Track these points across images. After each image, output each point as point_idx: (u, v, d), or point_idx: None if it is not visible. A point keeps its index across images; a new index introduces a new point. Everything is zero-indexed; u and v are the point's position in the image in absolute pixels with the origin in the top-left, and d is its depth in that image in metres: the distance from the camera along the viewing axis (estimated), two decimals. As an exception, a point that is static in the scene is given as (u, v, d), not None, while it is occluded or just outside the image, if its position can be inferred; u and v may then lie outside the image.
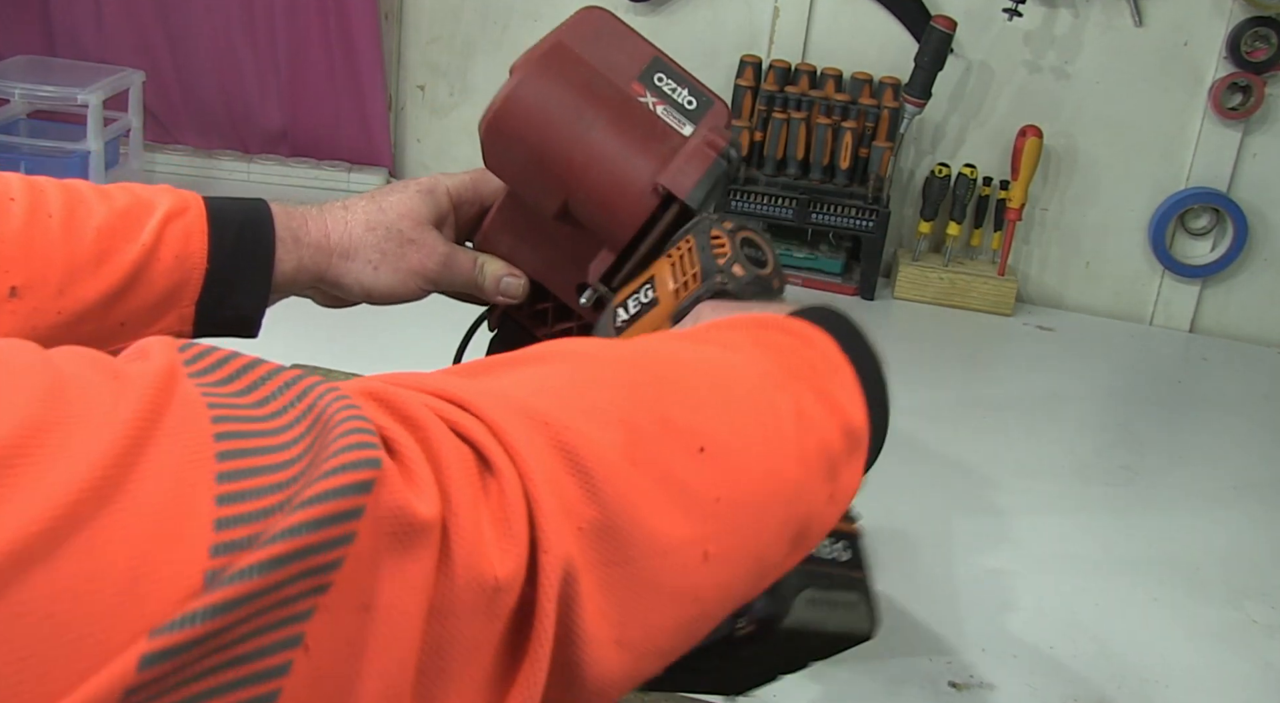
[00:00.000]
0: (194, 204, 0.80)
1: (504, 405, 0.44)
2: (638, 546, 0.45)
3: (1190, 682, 0.97)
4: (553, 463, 0.44)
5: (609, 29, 0.84)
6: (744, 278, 0.75)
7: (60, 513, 0.31)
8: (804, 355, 0.60)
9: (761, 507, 0.53)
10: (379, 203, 0.87)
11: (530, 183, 0.83)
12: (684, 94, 0.83)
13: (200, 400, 0.37)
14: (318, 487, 0.35)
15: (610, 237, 0.81)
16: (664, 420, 0.49)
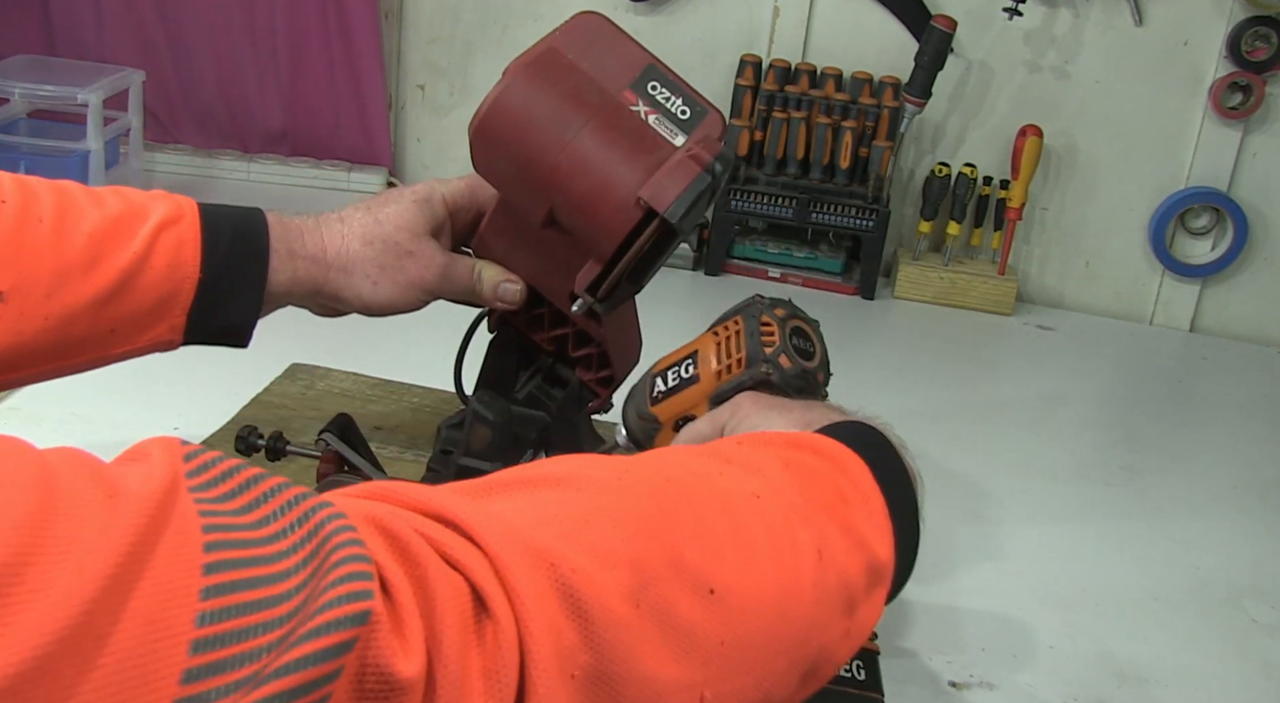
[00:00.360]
0: (188, 212, 0.79)
1: (508, 537, 0.43)
2: (631, 693, 0.44)
3: (1190, 682, 0.97)
4: (553, 607, 0.43)
5: (604, 34, 0.83)
6: (790, 370, 0.75)
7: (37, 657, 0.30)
8: (833, 483, 0.58)
9: (770, 648, 0.51)
10: (375, 215, 0.86)
11: (517, 189, 0.83)
12: (678, 103, 0.81)
13: (195, 526, 0.35)
14: (298, 651, 0.34)
15: (595, 247, 0.80)
16: (675, 561, 0.48)
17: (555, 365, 0.96)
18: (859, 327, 1.67)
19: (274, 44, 1.90)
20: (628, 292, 0.84)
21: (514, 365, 0.96)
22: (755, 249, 1.78)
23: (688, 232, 0.78)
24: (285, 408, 1.10)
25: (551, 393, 0.96)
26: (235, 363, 0.91)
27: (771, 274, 1.77)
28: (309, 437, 1.05)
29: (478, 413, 0.85)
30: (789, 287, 1.76)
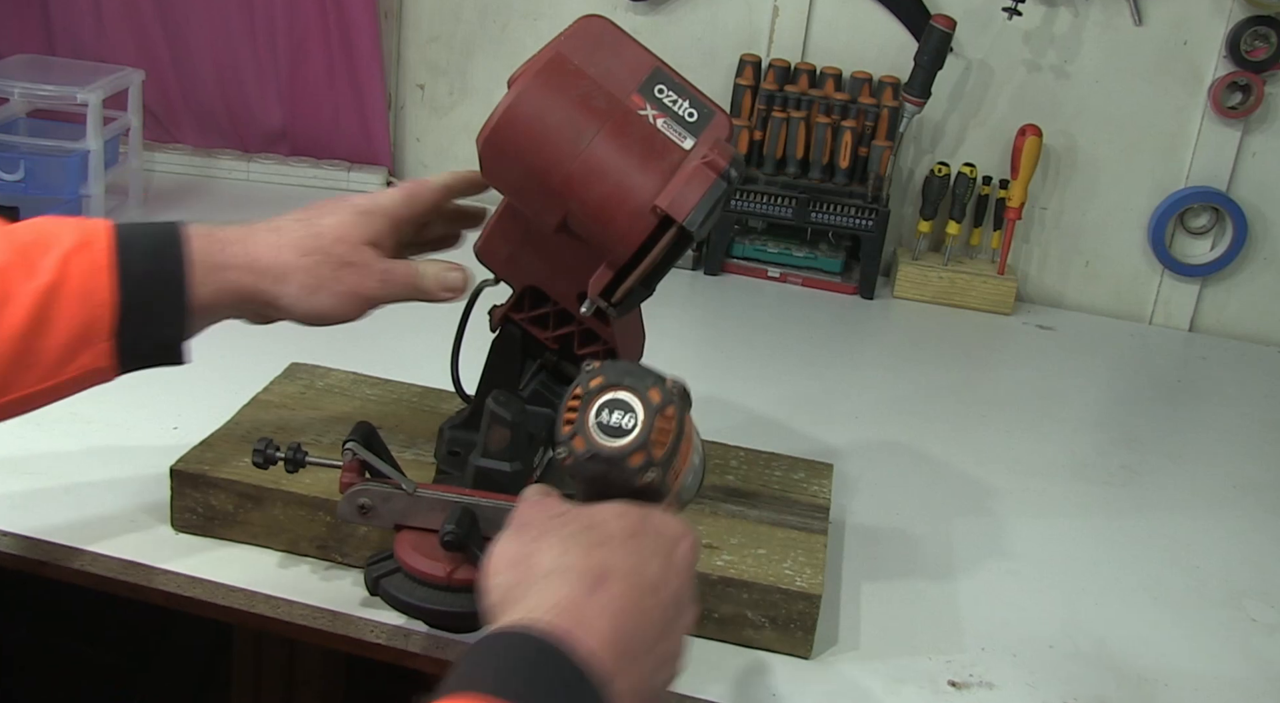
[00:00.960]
0: (100, 236, 0.77)
1: None
2: None
3: (1190, 682, 0.97)
4: None
5: (609, 38, 0.82)
6: (581, 453, 0.67)
7: None
8: None
9: None
10: (313, 227, 0.85)
11: (529, 198, 0.82)
12: (685, 106, 0.81)
13: None
14: None
15: (609, 254, 0.80)
16: None
17: (560, 363, 0.97)
18: (858, 327, 1.67)
19: (274, 44, 1.89)
20: (641, 295, 0.84)
21: (518, 363, 0.96)
22: (755, 249, 1.78)
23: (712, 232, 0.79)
24: (285, 407, 1.10)
25: (556, 390, 0.97)
26: (234, 363, 0.91)
27: (771, 274, 1.77)
28: (309, 436, 1.05)
29: (495, 413, 0.85)
30: (788, 286, 1.76)
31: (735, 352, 1.53)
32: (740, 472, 1.06)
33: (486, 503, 0.83)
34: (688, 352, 1.52)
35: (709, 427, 1.08)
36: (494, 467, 0.86)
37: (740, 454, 1.09)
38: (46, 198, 1.58)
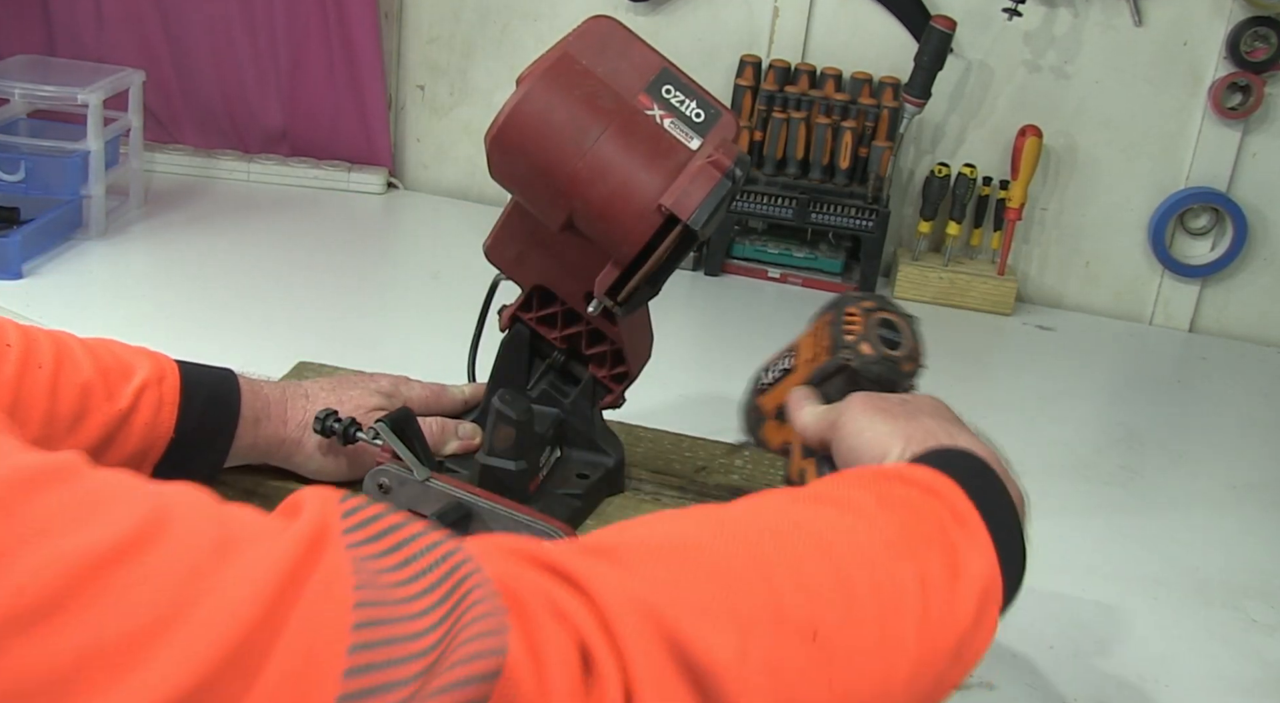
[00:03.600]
0: (169, 373, 0.83)
1: (618, 594, 0.45)
2: None
3: (1190, 682, 0.97)
4: (661, 661, 0.44)
5: (616, 39, 0.83)
6: (869, 357, 0.78)
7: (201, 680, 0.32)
8: (931, 513, 0.59)
9: (879, 687, 0.52)
10: (339, 396, 0.92)
11: (535, 196, 0.83)
12: (691, 106, 0.82)
13: (349, 567, 0.38)
14: (448, 676, 0.38)
15: (614, 252, 0.80)
16: (777, 612, 0.49)
17: (568, 363, 0.97)
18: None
19: (274, 44, 1.90)
20: (646, 294, 0.84)
21: (526, 362, 0.97)
22: (755, 249, 1.78)
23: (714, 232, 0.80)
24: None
25: (564, 390, 0.97)
26: (243, 361, 0.92)
27: (771, 274, 1.77)
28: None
29: (501, 412, 0.86)
30: (788, 287, 1.76)
31: (735, 352, 1.53)
32: (744, 471, 1.06)
33: (484, 504, 0.84)
34: (688, 352, 1.52)
35: (710, 427, 1.09)
36: (499, 465, 0.87)
37: (744, 454, 1.09)
38: (47, 198, 1.58)
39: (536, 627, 0.42)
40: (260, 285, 1.55)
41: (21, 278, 1.47)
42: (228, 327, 1.42)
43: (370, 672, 0.36)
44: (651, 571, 0.48)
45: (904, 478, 0.61)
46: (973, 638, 0.57)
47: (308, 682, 0.35)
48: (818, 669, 0.49)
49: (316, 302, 1.53)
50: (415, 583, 0.40)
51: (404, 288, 1.67)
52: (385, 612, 0.38)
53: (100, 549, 0.33)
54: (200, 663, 0.33)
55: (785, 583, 0.51)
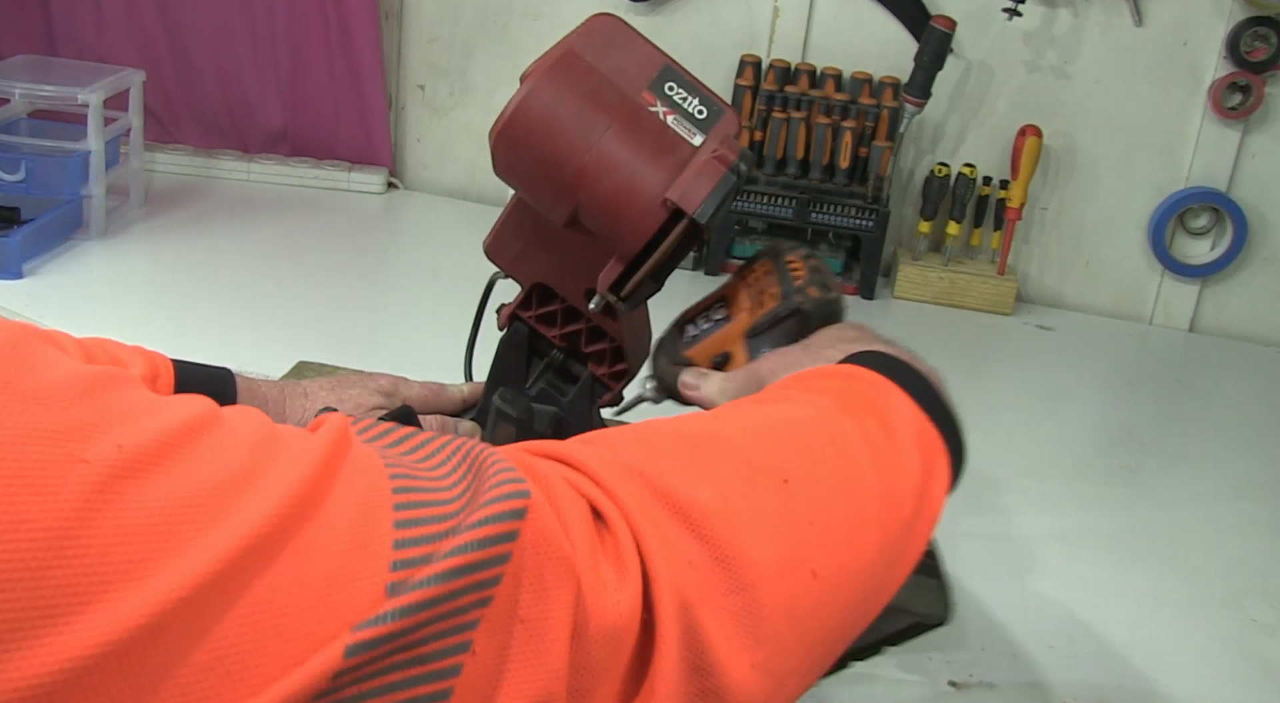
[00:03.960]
0: (164, 372, 0.83)
1: (608, 463, 0.50)
2: (747, 573, 0.49)
3: (1190, 682, 0.97)
4: (654, 509, 0.49)
5: (620, 36, 0.83)
6: (818, 299, 0.82)
7: (272, 526, 0.37)
8: (854, 389, 0.64)
9: (856, 522, 0.56)
10: (338, 395, 0.93)
11: (540, 192, 0.83)
12: (694, 103, 0.82)
13: (374, 453, 0.43)
14: (481, 512, 0.42)
15: (619, 247, 0.81)
16: (747, 466, 0.54)
17: (567, 361, 0.97)
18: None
19: (274, 44, 1.90)
20: (650, 289, 0.85)
21: (524, 361, 0.97)
22: (755, 249, 1.78)
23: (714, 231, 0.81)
24: (286, 408, 1.10)
25: (563, 388, 0.97)
26: (243, 361, 0.92)
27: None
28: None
29: (501, 410, 0.86)
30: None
31: (736, 352, 1.53)
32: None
33: None
34: (688, 352, 1.52)
35: (710, 427, 1.09)
36: None
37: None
38: (47, 198, 1.58)
39: (551, 487, 0.47)
40: (260, 285, 1.55)
41: (22, 278, 1.47)
42: (228, 327, 1.42)
43: (413, 510, 0.41)
44: (629, 447, 0.53)
45: (823, 373, 0.67)
46: (928, 486, 0.61)
47: (368, 526, 0.40)
48: (796, 508, 0.54)
49: (316, 302, 1.53)
50: (435, 459, 0.45)
51: (404, 288, 1.67)
52: (415, 482, 0.42)
53: (175, 426, 0.38)
54: (274, 509, 0.38)
55: (747, 444, 0.56)
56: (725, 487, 0.51)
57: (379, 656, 0.38)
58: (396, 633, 0.38)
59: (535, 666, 0.42)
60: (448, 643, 0.40)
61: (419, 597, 0.39)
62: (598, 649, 0.44)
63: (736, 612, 0.48)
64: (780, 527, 0.52)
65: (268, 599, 0.36)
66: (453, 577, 0.40)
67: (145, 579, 0.34)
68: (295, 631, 0.37)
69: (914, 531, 0.60)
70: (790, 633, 0.51)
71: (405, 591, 0.39)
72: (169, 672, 0.34)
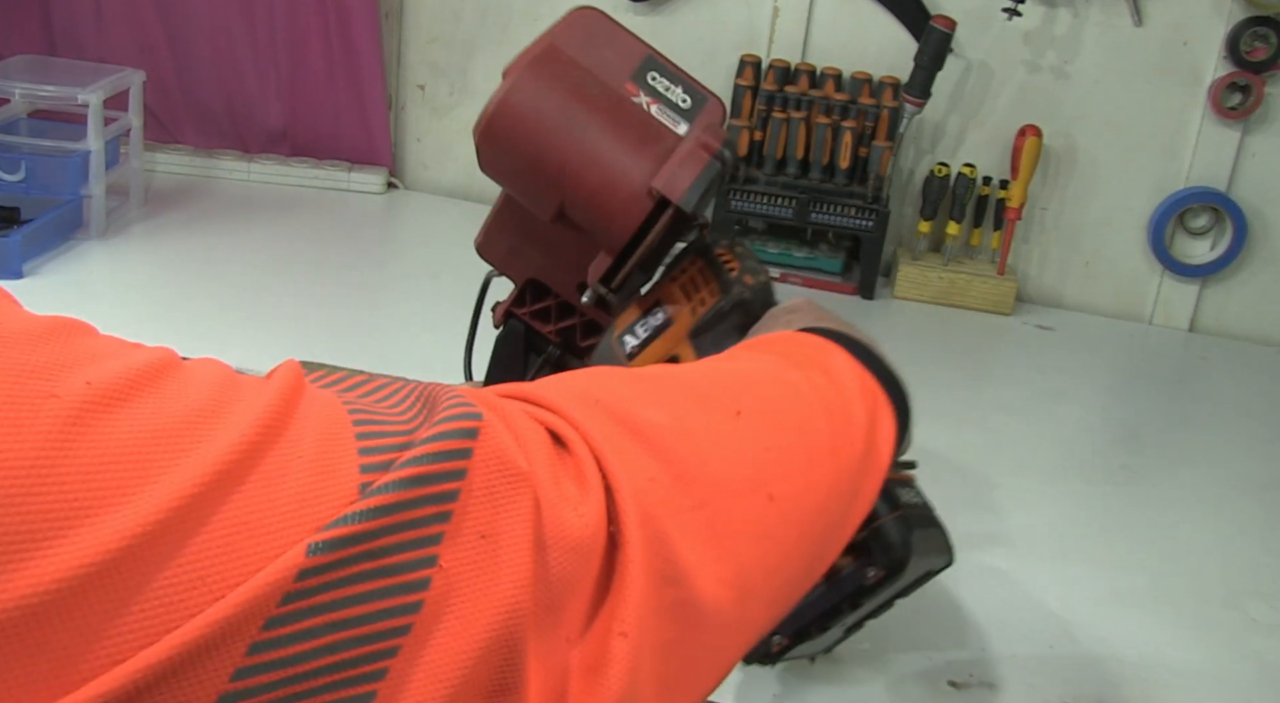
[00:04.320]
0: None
1: (565, 393, 0.52)
2: (707, 489, 0.51)
3: (1190, 682, 0.98)
4: (613, 431, 0.50)
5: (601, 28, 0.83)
6: (755, 286, 0.83)
7: (241, 453, 0.39)
8: (793, 347, 0.67)
9: (807, 454, 0.59)
10: None
11: (526, 187, 0.83)
12: (678, 92, 0.83)
13: (330, 392, 0.45)
14: (433, 429, 0.43)
15: (607, 239, 0.81)
16: (700, 398, 0.56)
17: (564, 356, 0.97)
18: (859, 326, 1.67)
19: (274, 44, 1.90)
20: (639, 280, 0.85)
21: (521, 358, 0.97)
22: (755, 249, 1.78)
23: (701, 218, 0.81)
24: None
25: None
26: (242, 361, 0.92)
27: (771, 274, 1.77)
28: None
29: None
30: (789, 286, 1.76)
31: (735, 352, 1.53)
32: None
33: None
34: (688, 352, 1.52)
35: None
36: None
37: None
38: (47, 198, 1.58)
39: (508, 414, 0.48)
40: (260, 285, 1.55)
41: (22, 278, 1.47)
42: (228, 327, 1.42)
43: (372, 438, 0.43)
44: (585, 381, 0.55)
45: (763, 340, 0.70)
46: (874, 431, 0.63)
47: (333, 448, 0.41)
48: (750, 435, 0.56)
49: (316, 302, 1.53)
50: (390, 400, 0.46)
51: (404, 288, 1.67)
52: (371, 415, 0.44)
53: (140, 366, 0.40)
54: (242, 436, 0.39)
55: (700, 382, 0.58)
56: (682, 413, 0.53)
57: (344, 559, 0.39)
58: (358, 535, 0.39)
59: (501, 579, 0.43)
60: (414, 555, 0.41)
61: (378, 502, 0.40)
62: (564, 562, 0.45)
63: (701, 525, 0.50)
64: (736, 450, 0.54)
65: (240, 518, 0.38)
66: (409, 486, 0.41)
67: (122, 506, 0.36)
68: (266, 542, 0.38)
69: (865, 473, 0.62)
70: (751, 553, 0.53)
71: (367, 495, 0.40)
72: (146, 585, 0.36)
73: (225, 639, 0.37)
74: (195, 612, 0.36)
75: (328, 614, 0.39)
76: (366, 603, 0.39)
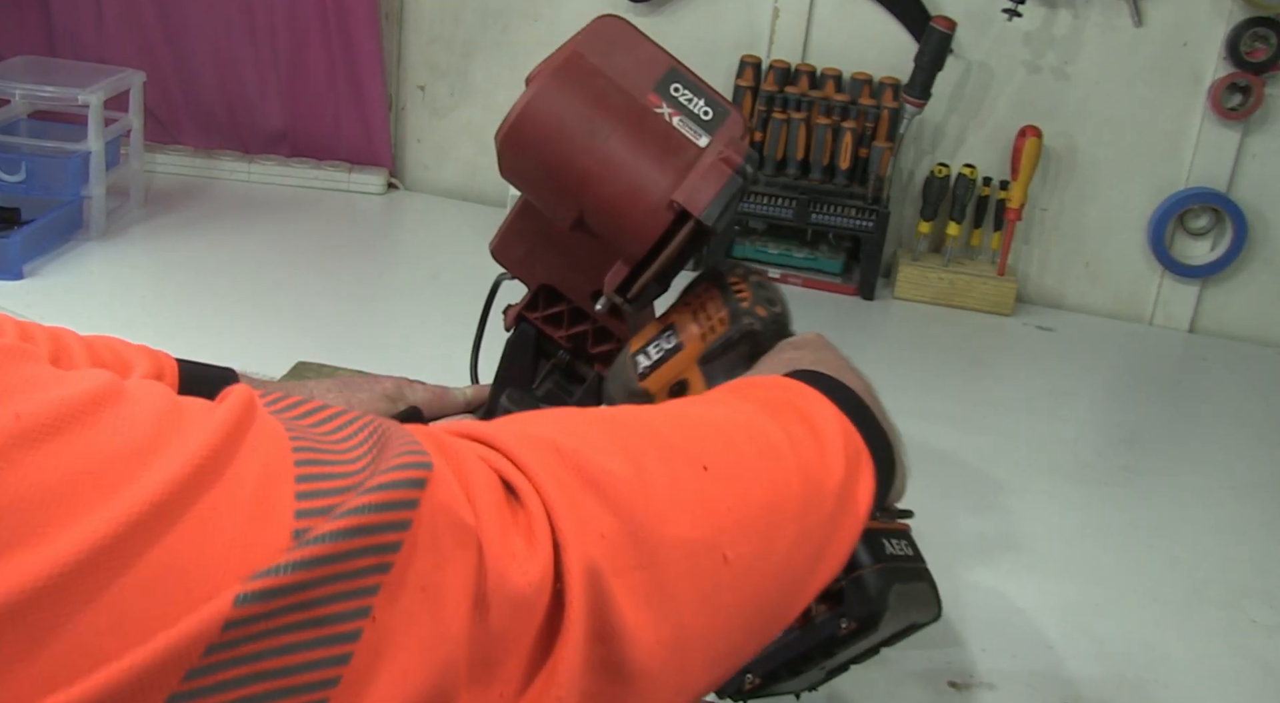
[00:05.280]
0: (168, 371, 0.83)
1: (524, 440, 0.50)
2: (659, 549, 0.50)
3: (1190, 682, 0.98)
4: (569, 481, 0.49)
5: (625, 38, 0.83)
6: (767, 318, 0.81)
7: (171, 494, 0.37)
8: (779, 396, 0.65)
9: (773, 515, 0.56)
10: (346, 398, 0.93)
11: (546, 194, 0.83)
12: (700, 105, 0.83)
13: (279, 423, 0.43)
14: (380, 478, 0.42)
15: (625, 249, 0.81)
16: (666, 449, 0.54)
17: (573, 362, 0.97)
18: (859, 327, 1.67)
19: (274, 44, 1.90)
20: (655, 291, 0.85)
21: (531, 362, 0.97)
22: (755, 249, 1.78)
23: (720, 233, 0.80)
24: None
25: (570, 389, 0.98)
26: (242, 362, 0.92)
27: (772, 275, 1.77)
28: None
29: (509, 412, 0.87)
30: (790, 287, 1.76)
31: (736, 352, 1.53)
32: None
33: None
34: (688, 352, 1.52)
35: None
36: None
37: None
38: (48, 199, 1.58)
39: (459, 460, 0.47)
40: (260, 286, 1.55)
41: (22, 278, 1.47)
42: (228, 327, 1.42)
43: (315, 482, 0.41)
44: (546, 425, 0.53)
45: (750, 383, 0.68)
46: (852, 488, 0.61)
47: (269, 492, 0.40)
48: (713, 492, 0.54)
49: (316, 302, 1.53)
50: (341, 433, 0.45)
51: (404, 288, 1.67)
52: (318, 453, 0.42)
53: (75, 397, 0.38)
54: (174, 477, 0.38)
55: (669, 431, 0.56)
56: (643, 464, 0.52)
57: (273, 611, 0.38)
58: (290, 586, 0.38)
59: (436, 634, 0.42)
60: (347, 606, 0.40)
61: (314, 552, 0.39)
62: (504, 618, 0.44)
63: (646, 584, 0.49)
64: (695, 509, 0.53)
65: (165, 562, 0.37)
66: (349, 536, 0.40)
67: (40, 545, 0.35)
68: (193, 587, 0.37)
69: (837, 530, 0.60)
70: (698, 614, 0.51)
71: (302, 545, 0.39)
72: (62, 628, 0.35)
73: (144, 688, 0.35)
74: (113, 658, 0.35)
75: (253, 664, 0.37)
76: (294, 653, 0.38)
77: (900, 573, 0.74)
